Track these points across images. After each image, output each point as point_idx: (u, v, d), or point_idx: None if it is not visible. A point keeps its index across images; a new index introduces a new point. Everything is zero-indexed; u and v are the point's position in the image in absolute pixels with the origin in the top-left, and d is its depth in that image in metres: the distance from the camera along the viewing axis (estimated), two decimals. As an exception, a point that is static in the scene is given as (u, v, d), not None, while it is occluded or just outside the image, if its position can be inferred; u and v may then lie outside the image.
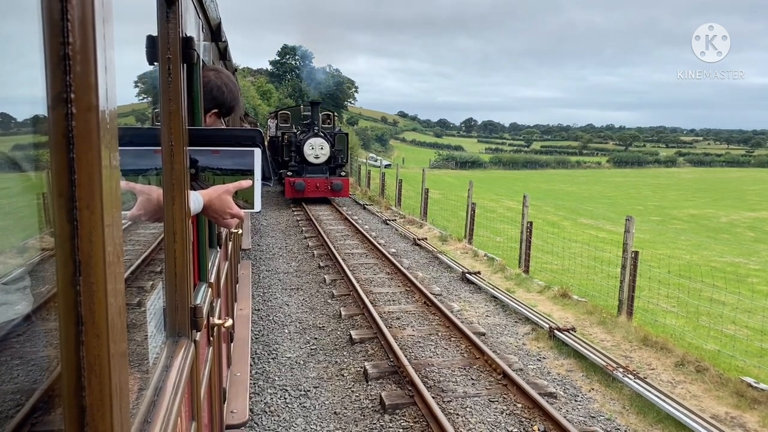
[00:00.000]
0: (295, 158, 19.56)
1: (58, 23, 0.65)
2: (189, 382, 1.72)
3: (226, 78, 2.65)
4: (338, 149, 19.91)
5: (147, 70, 2.04)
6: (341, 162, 19.93)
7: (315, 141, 19.36)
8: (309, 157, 19.35)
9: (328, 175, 19.42)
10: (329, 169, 19.63)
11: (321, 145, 19.38)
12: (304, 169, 19.40)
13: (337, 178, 19.35)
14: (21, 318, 1.23)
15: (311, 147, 19.32)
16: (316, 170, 19.47)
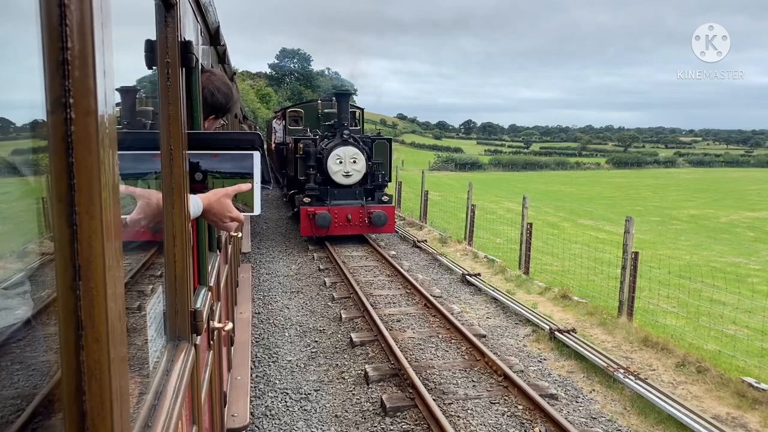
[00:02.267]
0: (314, 177, 12.64)
1: (56, 28, 0.65)
2: (189, 386, 1.71)
3: (218, 81, 2.65)
4: (377, 162, 13.02)
5: (146, 74, 2.04)
6: (382, 181, 13.06)
7: (345, 151, 12.60)
8: (336, 175, 12.61)
9: (364, 201, 12.76)
10: (365, 191, 12.94)
11: (353, 156, 12.64)
12: (328, 192, 12.65)
13: (377, 205, 12.65)
14: (21, 323, 1.23)
15: (339, 160, 12.58)
16: (347, 194, 12.80)
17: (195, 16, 2.41)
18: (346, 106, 13.21)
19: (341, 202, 12.67)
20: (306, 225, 12.26)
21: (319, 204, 12.48)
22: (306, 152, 12.75)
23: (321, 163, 12.67)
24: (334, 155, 12.60)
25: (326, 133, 13.72)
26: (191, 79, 2.12)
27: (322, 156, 12.68)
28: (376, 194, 13.06)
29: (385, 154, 13.44)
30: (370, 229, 12.71)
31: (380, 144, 13.50)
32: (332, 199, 12.67)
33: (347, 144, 12.72)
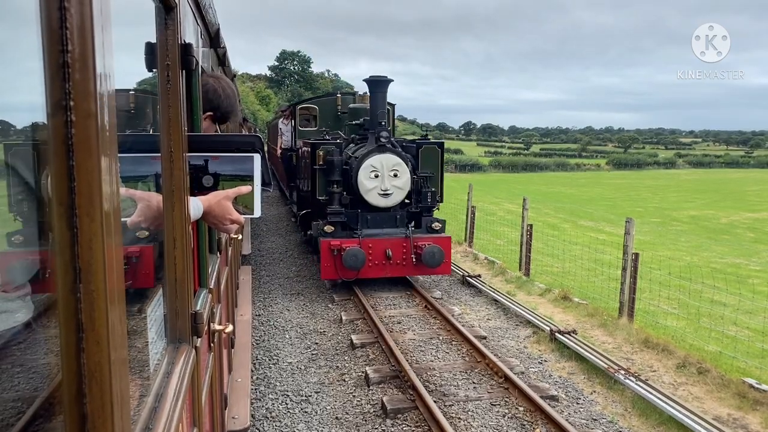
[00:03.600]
0: (340, 197, 9.23)
1: (57, 31, 0.65)
2: (190, 389, 1.71)
3: (225, 84, 2.66)
4: (425, 176, 9.43)
5: (146, 77, 2.05)
6: (432, 202, 9.45)
7: (382, 161, 9.11)
8: (370, 194, 9.12)
9: (407, 229, 9.16)
10: (409, 216, 9.39)
11: (394, 168, 9.14)
12: (359, 218, 9.17)
13: (427, 236, 9.18)
14: (21, 325, 1.23)
15: (374, 173, 9.08)
16: (384, 220, 9.31)
17: (195, 19, 2.41)
18: (384, 99, 9.34)
19: (377, 231, 9.06)
20: (328, 265, 8.69)
21: (346, 234, 8.95)
22: (329, 162, 9.05)
23: (348, 177, 9.03)
24: (368, 167, 8.89)
25: (353, 136, 10.07)
26: (191, 81, 2.13)
27: (351, 167, 8.99)
28: (424, 220, 9.28)
29: (436, 164, 9.58)
30: (418, 270, 9.00)
31: (429, 151, 9.56)
32: (364, 227, 9.01)
33: (385, 151, 8.98)
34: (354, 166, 9.03)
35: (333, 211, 9.05)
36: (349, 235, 8.95)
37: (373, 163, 9.00)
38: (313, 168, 9.37)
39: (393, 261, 8.88)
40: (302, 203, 11.94)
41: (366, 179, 8.99)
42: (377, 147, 9.06)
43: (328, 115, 13.67)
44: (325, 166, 9.17)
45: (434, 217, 9.50)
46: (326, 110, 13.78)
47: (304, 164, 10.72)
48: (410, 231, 9.05)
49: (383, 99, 9.40)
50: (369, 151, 9.06)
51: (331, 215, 9.04)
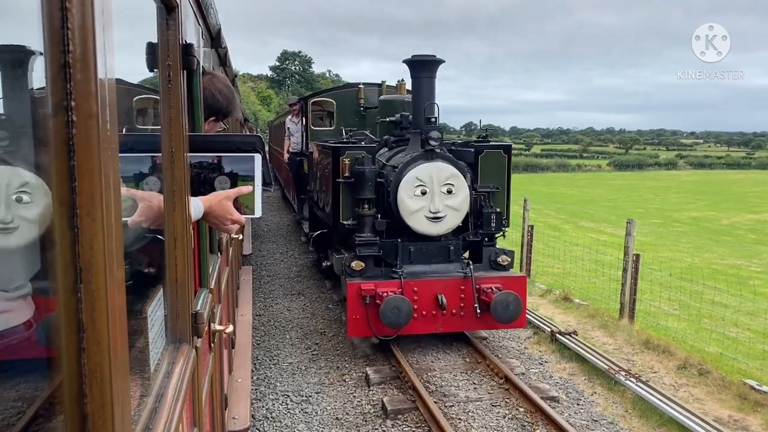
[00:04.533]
0: (373, 221, 6.72)
1: (58, 31, 0.66)
2: (190, 389, 1.71)
3: (220, 84, 2.66)
4: (486, 191, 7.05)
5: (147, 77, 2.05)
6: (497, 227, 7.03)
7: (432, 172, 6.58)
8: (415, 218, 6.61)
9: (464, 265, 6.75)
10: (465, 246, 7.12)
11: (449, 181, 6.61)
12: (398, 250, 6.68)
13: (493, 275, 6.79)
14: (22, 325, 1.23)
15: (421, 189, 6.57)
16: (433, 252, 6.87)
17: (196, 19, 2.41)
18: (432, 87, 6.83)
19: (424, 268, 6.62)
20: (358, 318, 6.20)
21: (381, 273, 6.52)
22: (357, 175, 6.60)
23: (384, 195, 6.66)
24: (412, 180, 6.42)
25: (386, 138, 7.42)
26: (192, 81, 2.13)
27: (387, 181, 6.62)
28: (486, 251, 6.86)
29: (501, 174, 7.05)
30: (483, 323, 6.56)
31: (492, 157, 7.05)
32: (406, 262, 6.58)
33: (435, 158, 6.52)
34: (392, 180, 6.45)
35: (364, 241, 6.48)
36: (386, 275, 6.44)
37: (420, 176, 6.37)
38: (335, 182, 6.72)
39: (447, 310, 6.31)
40: (316, 221, 9.22)
41: (409, 197, 6.37)
42: (424, 153, 6.47)
43: (347, 110, 11.01)
44: (353, 179, 6.57)
45: (499, 247, 6.98)
46: (345, 105, 11.09)
47: (321, 175, 7.95)
48: (470, 269, 6.46)
49: (431, 87, 6.76)
50: (413, 158, 6.46)
51: (361, 247, 6.48)
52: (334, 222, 7.02)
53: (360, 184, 6.61)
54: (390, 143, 7.31)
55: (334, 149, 6.95)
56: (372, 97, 10.85)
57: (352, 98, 11.15)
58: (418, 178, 6.45)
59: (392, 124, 7.49)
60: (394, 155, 6.97)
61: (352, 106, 11.10)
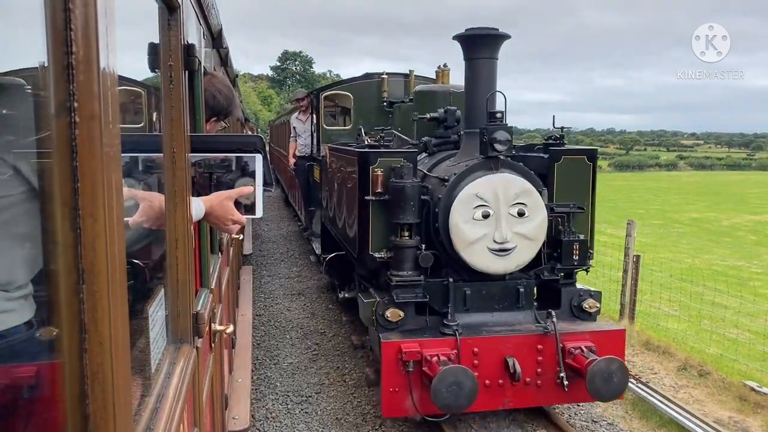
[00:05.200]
0: (414, 254, 4.66)
1: (61, 32, 0.66)
2: (191, 389, 1.71)
3: (219, 84, 2.67)
4: (565, 211, 4.93)
5: (149, 77, 2.05)
6: (580, 259, 4.88)
7: (497, 187, 4.57)
8: (473, 251, 4.60)
9: (535, 314, 4.82)
10: (537, 286, 5.06)
11: (519, 200, 4.60)
12: (452, 293, 4.64)
13: (580, 327, 4.79)
14: (24, 325, 1.23)
15: (481, 210, 4.55)
16: (497, 295, 4.84)
17: (198, 19, 2.41)
18: (494, 70, 5.04)
19: (484, 318, 4.90)
20: (397, 390, 4.45)
21: (426, 325, 4.78)
22: (395, 191, 4.74)
23: (430, 217, 4.91)
24: (470, 198, 4.65)
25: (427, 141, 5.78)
26: (194, 82, 2.13)
27: (433, 198, 4.87)
28: (567, 293, 5.04)
29: (585, 189, 5.19)
30: (570, 397, 4.78)
31: (572, 165, 5.17)
32: (460, 309, 4.84)
33: (501, 167, 4.78)
34: (440, 198, 4.68)
35: (403, 281, 4.63)
36: (433, 328, 4.65)
37: (481, 192, 4.56)
38: (363, 199, 4.85)
39: (519, 378, 4.47)
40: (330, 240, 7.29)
41: (466, 222, 4.57)
42: (485, 161, 4.64)
43: (367, 106, 8.97)
44: (388, 196, 4.70)
45: (581, 286, 5.19)
46: (365, 99, 9.06)
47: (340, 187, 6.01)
48: (553, 321, 4.53)
49: (492, 71, 4.89)
50: (470, 168, 4.67)
51: (400, 290, 4.62)
52: (361, 252, 4.98)
53: (398, 203, 4.57)
54: (431, 147, 5.61)
55: (361, 155, 4.92)
56: (397, 88, 9.02)
57: (373, 91, 9.10)
58: (478, 196, 4.49)
59: (434, 122, 5.78)
60: (437, 163, 5.22)
61: (373, 100, 9.02)
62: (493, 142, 4.53)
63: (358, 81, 9.54)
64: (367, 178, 4.83)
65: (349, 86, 9.56)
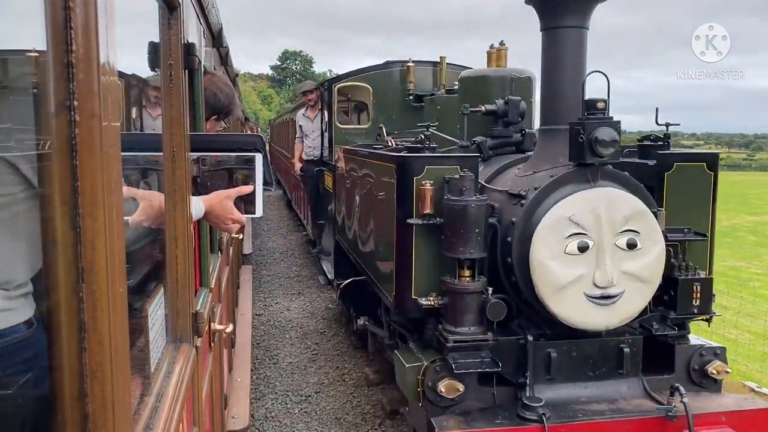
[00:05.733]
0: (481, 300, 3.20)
1: (61, 31, 0.66)
2: (190, 388, 1.71)
3: (219, 82, 2.67)
4: (679, 239, 3.52)
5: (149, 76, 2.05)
6: (699, 303, 3.53)
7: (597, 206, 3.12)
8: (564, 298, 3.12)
9: (643, 387, 3.33)
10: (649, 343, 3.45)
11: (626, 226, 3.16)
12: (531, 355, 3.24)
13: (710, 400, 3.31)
14: (23, 324, 1.23)
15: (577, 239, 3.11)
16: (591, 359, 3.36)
17: (198, 18, 2.41)
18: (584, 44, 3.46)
19: (577, 392, 3.33)
20: None
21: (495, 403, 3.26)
22: (454, 212, 3.20)
23: (502, 249, 3.37)
24: (560, 223, 3.13)
25: (482, 142, 4.22)
26: (194, 81, 2.13)
27: (501, 222, 3.40)
28: (681, 352, 3.52)
29: (705, 208, 3.70)
30: None
31: (688, 176, 3.65)
32: (542, 379, 3.31)
33: (603, 180, 3.23)
34: (514, 222, 3.34)
35: (463, 342, 3.21)
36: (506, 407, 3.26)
37: (577, 215, 3.18)
38: (403, 224, 3.49)
39: None
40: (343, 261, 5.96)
41: (555, 257, 3.19)
42: (577, 171, 3.27)
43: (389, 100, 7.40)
44: (441, 219, 3.34)
45: (698, 340, 3.79)
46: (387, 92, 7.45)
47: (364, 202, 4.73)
48: (682, 399, 3.10)
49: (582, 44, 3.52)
50: (557, 180, 3.30)
51: (459, 354, 3.22)
52: (399, 296, 3.55)
53: (457, 230, 3.21)
54: (486, 149, 4.16)
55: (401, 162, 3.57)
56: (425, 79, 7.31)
57: (395, 82, 7.45)
58: (572, 221, 3.13)
59: (490, 116, 4.31)
60: (498, 172, 3.86)
61: (396, 93, 7.38)
62: (595, 142, 3.04)
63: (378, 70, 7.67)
64: (410, 194, 3.42)
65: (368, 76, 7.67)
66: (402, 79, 7.45)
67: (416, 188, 3.43)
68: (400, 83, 7.46)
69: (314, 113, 8.81)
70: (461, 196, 3.25)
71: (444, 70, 7.04)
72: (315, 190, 8.52)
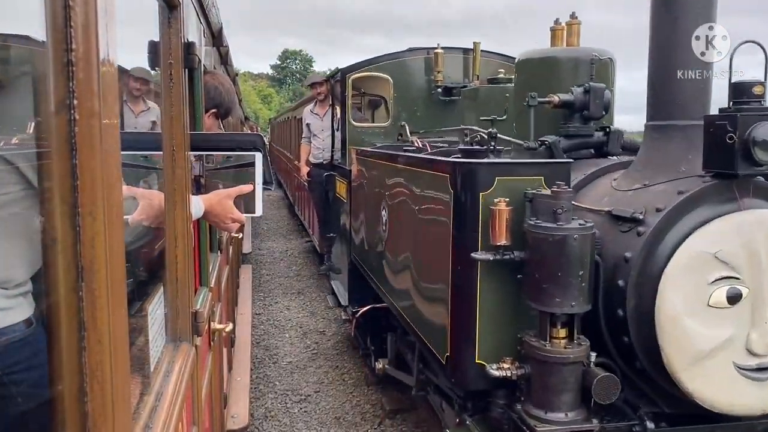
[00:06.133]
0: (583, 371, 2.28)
1: (61, 30, 0.65)
2: (190, 387, 1.71)
3: (222, 79, 2.68)
4: None
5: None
6: None
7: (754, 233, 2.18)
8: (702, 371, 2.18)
9: None
10: None
11: None
12: None
13: None
14: (23, 323, 1.23)
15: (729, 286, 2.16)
16: None
17: (198, 17, 2.41)
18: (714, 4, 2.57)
19: None
20: None
21: None
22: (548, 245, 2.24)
23: (608, 296, 2.42)
24: (700, 260, 2.20)
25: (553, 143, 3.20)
26: (194, 80, 2.13)
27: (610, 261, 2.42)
28: None
29: None
30: None
31: None
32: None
33: (756, 197, 2.31)
34: (629, 258, 2.34)
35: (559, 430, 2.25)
36: None
37: (725, 250, 2.19)
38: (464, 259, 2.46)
39: None
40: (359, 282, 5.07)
41: (694, 311, 2.20)
42: (718, 183, 2.32)
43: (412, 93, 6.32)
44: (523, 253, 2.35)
45: None
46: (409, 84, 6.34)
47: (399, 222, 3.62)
48: None
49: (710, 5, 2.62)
50: (691, 197, 2.30)
51: None
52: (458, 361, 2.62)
53: (551, 270, 2.28)
54: (559, 152, 3.25)
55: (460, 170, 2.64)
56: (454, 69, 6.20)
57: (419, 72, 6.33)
58: (719, 258, 2.22)
59: (565, 109, 3.35)
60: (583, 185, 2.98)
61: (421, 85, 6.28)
62: (754, 145, 2.15)
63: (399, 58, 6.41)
64: (473, 216, 2.50)
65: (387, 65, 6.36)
66: (427, 68, 6.31)
67: (483, 208, 2.43)
68: (425, 74, 6.33)
69: (324, 109, 7.63)
70: (556, 222, 2.25)
71: (479, 58, 5.99)
72: (324, 198, 7.31)
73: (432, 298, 2.93)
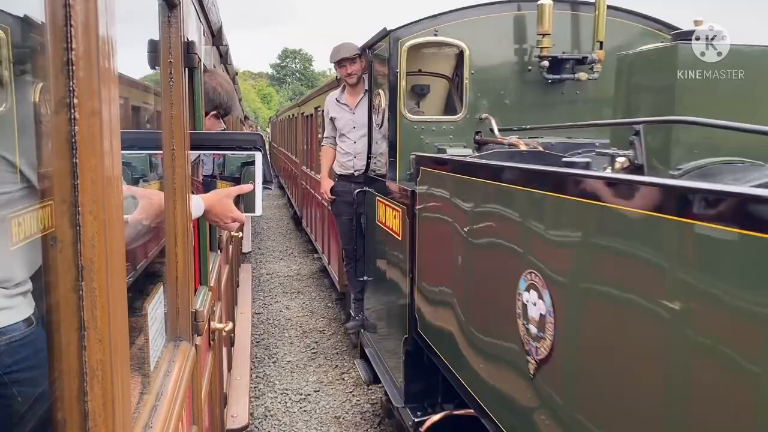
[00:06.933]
0: None
1: (61, 28, 0.65)
2: (190, 387, 1.71)
3: (220, 79, 2.67)
4: None
5: (149, 74, 2.05)
6: None
7: None
8: None
9: None
10: None
11: None
12: None
13: None
14: (23, 322, 1.23)
15: None
16: None
17: (198, 16, 2.41)
18: None
19: None
20: None
21: None
22: None
23: None
24: None
25: None
26: (194, 79, 2.13)
27: None
28: None
29: None
30: None
31: None
32: None
33: None
34: None
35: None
36: None
37: None
38: None
39: None
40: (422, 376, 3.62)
41: None
42: None
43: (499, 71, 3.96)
44: None
45: None
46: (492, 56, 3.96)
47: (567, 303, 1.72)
48: None
49: None
50: None
51: None
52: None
53: None
54: None
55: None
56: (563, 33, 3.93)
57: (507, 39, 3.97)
58: None
59: None
60: None
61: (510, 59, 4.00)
62: None
63: (479, 14, 3.99)
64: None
65: (460, 26, 3.97)
66: (519, 33, 4.00)
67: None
68: (515, 41, 4.00)
69: (356, 97, 5.17)
70: None
71: (602, 16, 3.68)
72: (354, 224, 5.09)
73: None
